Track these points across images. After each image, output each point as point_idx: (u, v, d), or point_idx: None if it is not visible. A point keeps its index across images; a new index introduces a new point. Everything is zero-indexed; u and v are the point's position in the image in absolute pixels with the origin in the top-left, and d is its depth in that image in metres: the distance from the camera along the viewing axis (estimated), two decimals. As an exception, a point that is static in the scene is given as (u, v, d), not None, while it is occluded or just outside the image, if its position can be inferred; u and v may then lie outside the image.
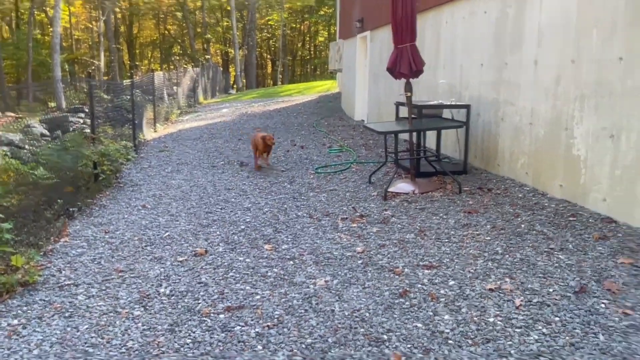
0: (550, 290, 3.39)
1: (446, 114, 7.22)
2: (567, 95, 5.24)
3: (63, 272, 4.11)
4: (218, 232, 4.90)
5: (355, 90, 13.54)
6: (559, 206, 5.11)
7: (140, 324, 3.19)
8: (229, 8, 35.37)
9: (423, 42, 8.47)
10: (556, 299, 3.26)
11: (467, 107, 6.73)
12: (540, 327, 2.94)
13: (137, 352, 2.88)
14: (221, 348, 2.87)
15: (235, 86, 34.94)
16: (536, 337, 2.84)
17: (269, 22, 42.35)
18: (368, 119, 12.33)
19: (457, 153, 7.31)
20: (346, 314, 3.19)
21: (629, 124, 4.44)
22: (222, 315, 3.25)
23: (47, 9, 32.23)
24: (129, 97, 11.09)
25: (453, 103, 7.10)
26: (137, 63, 43.45)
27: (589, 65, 4.93)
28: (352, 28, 14.02)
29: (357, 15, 13.44)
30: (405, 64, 6.17)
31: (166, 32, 43.53)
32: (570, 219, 4.73)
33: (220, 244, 4.58)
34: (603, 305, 3.14)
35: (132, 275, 3.98)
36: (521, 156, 6.10)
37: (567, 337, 2.82)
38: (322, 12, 40.40)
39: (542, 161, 5.69)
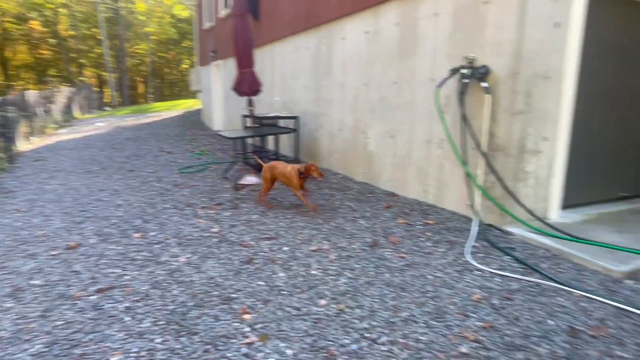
0: (354, 246, 3.63)
1: (281, 123, 7.34)
2: (363, 109, 5.66)
3: None
4: (91, 227, 4.37)
5: (212, 106, 13.11)
6: (361, 187, 5.51)
7: (12, 315, 2.71)
8: (100, 37, 31.68)
9: (263, 69, 8.50)
10: (358, 252, 3.50)
11: (297, 118, 6.93)
12: (347, 273, 3.13)
13: (8, 339, 2.44)
14: (92, 325, 2.56)
15: (110, 103, 31.49)
16: (344, 280, 3.03)
17: (137, 51, 38.90)
18: (224, 129, 12.04)
19: (291, 152, 7.49)
20: (203, 281, 3.07)
21: (401, 128, 4.95)
22: (93, 297, 2.90)
23: None
24: (1, 113, 9.38)
25: (286, 115, 7.25)
26: (12, 83, 36.78)
27: (376, 87, 5.38)
28: (208, 57, 13.53)
29: (212, 47, 13.01)
30: (247, 85, 6.14)
31: (40, 56, 37.45)
32: (369, 195, 5.14)
33: (92, 237, 4.08)
34: (388, 253, 3.47)
35: (3, 272, 3.36)
36: (335, 153, 6.46)
37: (365, 278, 3.05)
38: (184, 45, 38.34)
39: (349, 156, 6.08)
